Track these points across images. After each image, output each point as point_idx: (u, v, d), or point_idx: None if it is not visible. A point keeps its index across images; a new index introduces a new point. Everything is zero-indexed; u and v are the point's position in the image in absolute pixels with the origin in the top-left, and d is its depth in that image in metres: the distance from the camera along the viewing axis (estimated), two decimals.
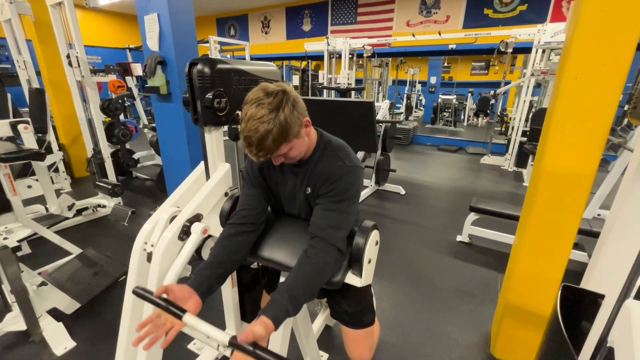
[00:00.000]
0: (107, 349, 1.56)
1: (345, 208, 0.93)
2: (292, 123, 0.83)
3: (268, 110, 0.80)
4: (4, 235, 1.94)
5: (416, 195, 3.91)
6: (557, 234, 1.30)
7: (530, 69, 4.50)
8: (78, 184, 4.00)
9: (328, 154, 0.97)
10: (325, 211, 0.93)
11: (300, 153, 0.92)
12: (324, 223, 0.91)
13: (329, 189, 0.93)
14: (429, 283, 2.19)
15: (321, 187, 0.95)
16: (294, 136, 0.85)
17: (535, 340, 1.39)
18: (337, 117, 2.99)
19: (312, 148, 0.97)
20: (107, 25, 9.31)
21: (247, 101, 0.84)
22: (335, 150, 0.98)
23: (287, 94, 0.84)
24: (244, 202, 1.04)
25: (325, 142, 0.99)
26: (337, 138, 1.04)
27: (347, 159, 0.96)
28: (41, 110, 2.91)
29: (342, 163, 0.95)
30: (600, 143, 1.15)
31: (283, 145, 0.84)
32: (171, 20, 2.14)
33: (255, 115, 0.80)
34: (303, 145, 0.92)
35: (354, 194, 0.95)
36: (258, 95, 0.83)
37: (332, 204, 0.92)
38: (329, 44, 5.62)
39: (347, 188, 0.92)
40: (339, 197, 0.92)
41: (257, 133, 0.80)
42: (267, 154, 0.84)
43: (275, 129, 0.80)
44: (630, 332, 0.48)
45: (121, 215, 2.33)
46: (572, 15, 1.21)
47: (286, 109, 0.82)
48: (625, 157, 2.49)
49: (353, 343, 1.17)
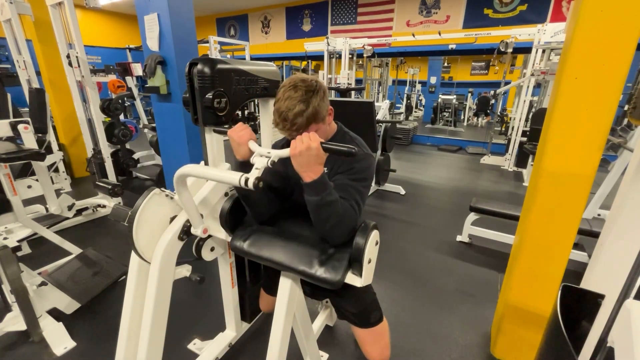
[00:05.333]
0: (107, 349, 1.55)
1: (362, 188, 1.02)
2: (322, 108, 0.97)
3: (304, 92, 0.93)
4: (4, 235, 1.93)
5: (416, 195, 3.91)
6: (557, 234, 1.30)
7: (530, 69, 4.50)
8: (78, 184, 3.99)
9: (347, 140, 1.11)
10: (345, 185, 1.00)
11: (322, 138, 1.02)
12: (345, 194, 0.98)
13: (348, 167, 1.03)
14: (429, 283, 2.19)
15: (340, 166, 1.05)
16: (321, 120, 0.98)
17: (535, 340, 1.39)
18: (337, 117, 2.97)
19: (332, 135, 1.11)
20: (107, 25, 9.30)
21: (285, 85, 0.96)
22: (353, 138, 1.13)
23: (319, 83, 0.97)
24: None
25: (344, 132, 1.14)
26: (353, 132, 1.17)
27: (364, 147, 1.10)
28: (41, 110, 2.91)
29: (360, 149, 1.05)
30: (600, 143, 1.15)
31: (312, 125, 0.96)
32: (171, 20, 2.14)
33: (293, 95, 0.93)
34: (325, 130, 1.05)
35: (369, 177, 1.05)
36: (295, 79, 0.96)
37: (350, 180, 1.01)
38: (329, 44, 5.62)
39: (364, 170, 1.03)
40: (357, 176, 1.02)
41: (293, 110, 0.92)
42: (298, 129, 0.94)
43: (309, 109, 0.93)
44: (630, 332, 0.48)
45: (121, 215, 2.32)
46: (572, 15, 1.21)
47: (319, 95, 0.95)
48: (625, 157, 2.49)
49: (367, 343, 1.20)
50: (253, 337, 1.65)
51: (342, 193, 0.96)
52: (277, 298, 1.06)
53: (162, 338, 1.12)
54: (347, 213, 0.94)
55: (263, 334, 1.65)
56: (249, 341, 1.63)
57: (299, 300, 1.12)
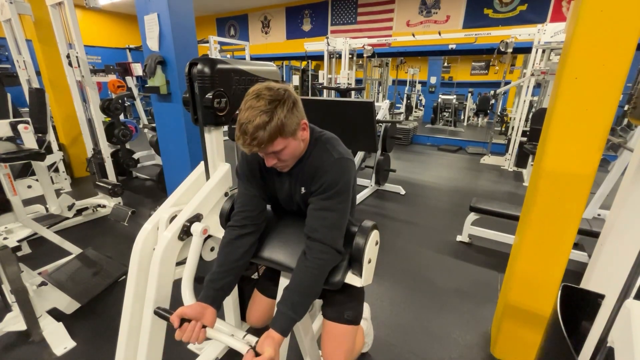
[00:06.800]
0: (107, 349, 1.56)
1: (337, 205, 0.90)
2: (290, 120, 0.83)
3: (267, 102, 0.80)
4: (4, 235, 1.93)
5: (416, 195, 3.91)
6: (557, 234, 1.30)
7: (530, 69, 4.50)
8: (78, 184, 3.99)
9: (317, 149, 0.95)
10: (318, 211, 0.91)
11: (293, 157, 0.91)
12: (317, 224, 0.90)
13: (318, 185, 0.91)
14: (428, 283, 2.19)
15: (311, 184, 0.93)
16: (290, 134, 0.84)
17: (535, 340, 1.39)
18: (337, 117, 2.99)
19: (306, 148, 0.96)
20: (107, 25, 9.30)
21: (249, 93, 0.84)
22: (323, 143, 0.96)
23: (289, 92, 0.84)
24: (242, 203, 1.01)
25: (316, 138, 0.97)
26: (328, 132, 1.01)
27: (334, 150, 0.93)
28: (41, 110, 2.91)
29: (329, 155, 0.92)
30: (600, 143, 1.15)
31: (279, 139, 0.83)
32: (171, 20, 2.14)
33: (254, 105, 0.80)
34: (298, 148, 0.90)
35: (344, 187, 0.91)
36: (260, 88, 0.83)
37: (322, 202, 0.90)
38: (329, 44, 5.62)
39: (336, 181, 0.89)
40: (328, 193, 0.90)
41: (253, 123, 0.79)
42: (259, 144, 0.81)
43: (272, 121, 0.80)
44: (630, 332, 0.48)
45: (121, 215, 2.33)
46: (572, 15, 1.21)
47: (286, 105, 0.82)
48: (625, 157, 2.48)
49: (327, 339, 1.07)
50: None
51: (316, 221, 0.90)
52: (277, 298, 1.06)
53: (162, 338, 1.12)
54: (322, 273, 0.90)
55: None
56: None
57: None
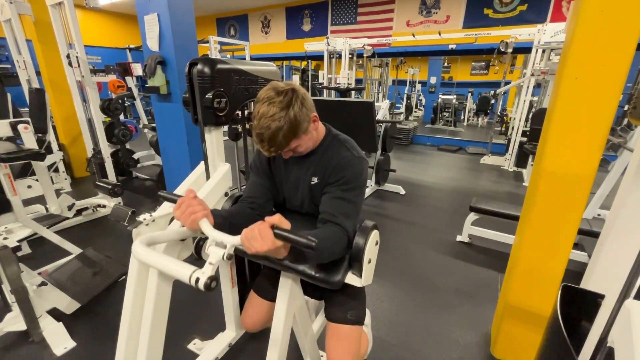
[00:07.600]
0: (107, 349, 1.56)
1: (354, 197, 0.96)
2: (301, 120, 0.89)
3: (279, 109, 0.85)
4: (4, 235, 1.93)
5: (416, 195, 3.91)
6: (557, 234, 1.30)
7: (530, 69, 4.50)
8: (78, 184, 3.99)
9: (336, 145, 1.02)
10: (335, 199, 0.95)
11: (307, 147, 0.98)
12: (335, 210, 0.94)
13: (339, 177, 0.96)
14: (429, 283, 2.19)
15: (330, 175, 0.98)
16: (302, 132, 0.91)
17: (535, 340, 1.39)
18: (337, 117, 2.99)
19: (320, 140, 1.02)
20: (107, 25, 9.31)
21: (259, 100, 0.88)
22: (342, 142, 1.03)
23: (296, 92, 0.89)
24: (250, 190, 1.08)
25: (333, 135, 1.05)
26: (343, 134, 1.09)
27: (354, 150, 1.01)
28: (41, 110, 2.91)
29: (350, 153, 0.99)
30: (600, 143, 1.15)
31: (293, 141, 0.90)
32: (171, 20, 2.14)
33: (267, 114, 0.85)
34: (311, 140, 0.97)
35: (362, 183, 0.99)
36: (269, 94, 0.87)
37: (341, 192, 0.95)
38: (329, 44, 5.62)
39: (356, 177, 0.96)
40: (348, 185, 0.96)
41: (269, 130, 0.85)
42: (278, 149, 0.89)
43: (285, 126, 0.86)
44: (630, 332, 0.48)
45: (121, 215, 2.33)
46: (572, 15, 1.21)
47: (295, 107, 0.87)
48: (625, 157, 2.48)
49: (333, 342, 1.07)
50: (253, 337, 1.65)
51: (333, 208, 0.94)
52: (277, 298, 1.06)
53: (162, 338, 1.12)
54: (335, 243, 0.90)
55: (263, 334, 1.65)
56: (249, 341, 1.63)
57: (299, 300, 1.12)
